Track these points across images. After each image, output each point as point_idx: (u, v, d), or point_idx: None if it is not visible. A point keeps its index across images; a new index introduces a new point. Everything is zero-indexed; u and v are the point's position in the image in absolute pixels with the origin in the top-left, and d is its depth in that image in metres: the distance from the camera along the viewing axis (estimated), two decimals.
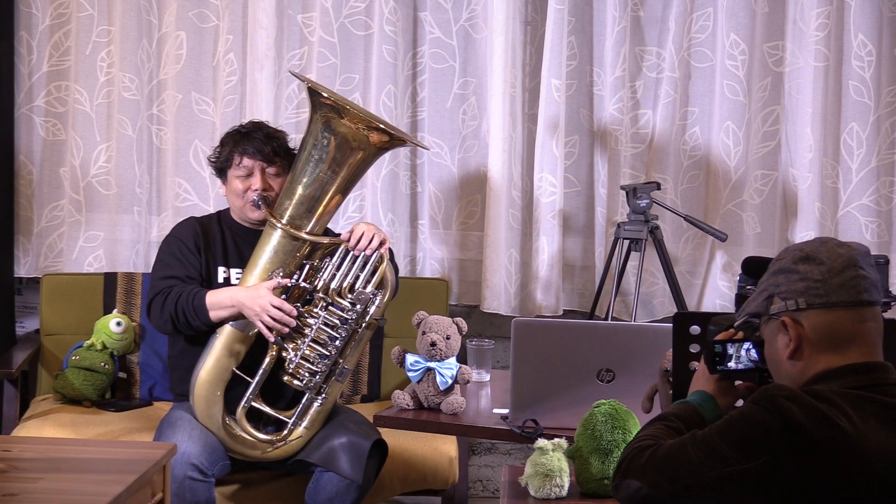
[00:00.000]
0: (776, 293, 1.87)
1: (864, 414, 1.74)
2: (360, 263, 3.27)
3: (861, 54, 4.04)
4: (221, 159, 3.41)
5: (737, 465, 1.75)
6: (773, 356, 1.90)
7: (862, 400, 1.76)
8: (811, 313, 1.82)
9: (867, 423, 1.73)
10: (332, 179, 3.26)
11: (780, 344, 1.87)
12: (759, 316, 1.92)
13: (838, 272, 1.82)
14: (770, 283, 1.89)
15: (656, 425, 2.01)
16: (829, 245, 1.86)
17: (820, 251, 1.85)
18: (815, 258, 1.84)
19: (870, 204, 4.09)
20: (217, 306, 3.22)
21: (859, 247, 1.87)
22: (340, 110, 3.22)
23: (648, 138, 4.19)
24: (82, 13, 4.12)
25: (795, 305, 1.83)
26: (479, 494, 4.39)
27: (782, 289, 1.86)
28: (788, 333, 1.84)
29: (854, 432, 1.71)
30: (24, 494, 2.34)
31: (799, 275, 1.84)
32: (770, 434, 1.73)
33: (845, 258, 1.83)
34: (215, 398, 3.23)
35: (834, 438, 1.70)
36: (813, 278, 1.83)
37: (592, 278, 4.21)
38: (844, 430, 1.71)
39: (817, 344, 1.83)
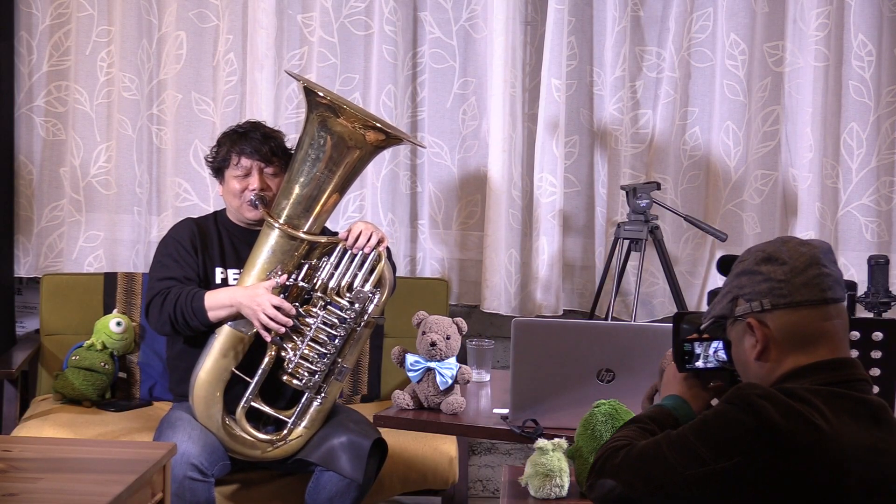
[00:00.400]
0: (740, 295, 1.87)
1: (837, 410, 1.75)
2: (359, 262, 3.27)
3: (861, 54, 4.04)
4: (219, 159, 3.41)
5: (712, 465, 1.75)
6: (740, 357, 1.90)
7: (833, 396, 1.76)
8: (776, 314, 1.82)
9: (840, 419, 1.74)
10: (329, 178, 3.26)
11: (746, 345, 1.87)
12: (724, 318, 1.91)
13: (801, 271, 1.82)
14: (734, 285, 1.89)
15: (630, 427, 2.01)
16: (790, 244, 1.85)
17: (782, 251, 1.84)
18: (777, 258, 1.83)
19: (870, 204, 4.08)
20: (216, 307, 3.22)
21: (821, 244, 1.86)
22: (336, 109, 3.21)
23: (648, 138, 4.19)
24: (82, 13, 4.12)
25: (760, 307, 1.83)
26: (479, 494, 4.39)
27: (746, 290, 1.85)
28: (755, 335, 1.84)
29: (829, 428, 1.72)
30: (24, 494, 2.34)
31: (762, 276, 1.84)
32: (745, 433, 1.73)
33: (807, 256, 1.83)
34: (215, 398, 3.23)
35: (809, 435, 1.71)
36: (776, 279, 1.82)
37: (592, 278, 4.21)
38: (819, 427, 1.71)
39: (784, 344, 1.83)
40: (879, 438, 1.76)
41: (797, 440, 1.71)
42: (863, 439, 1.74)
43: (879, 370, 2.59)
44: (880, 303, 3.54)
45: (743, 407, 1.74)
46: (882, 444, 1.75)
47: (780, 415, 1.72)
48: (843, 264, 4.09)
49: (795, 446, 1.70)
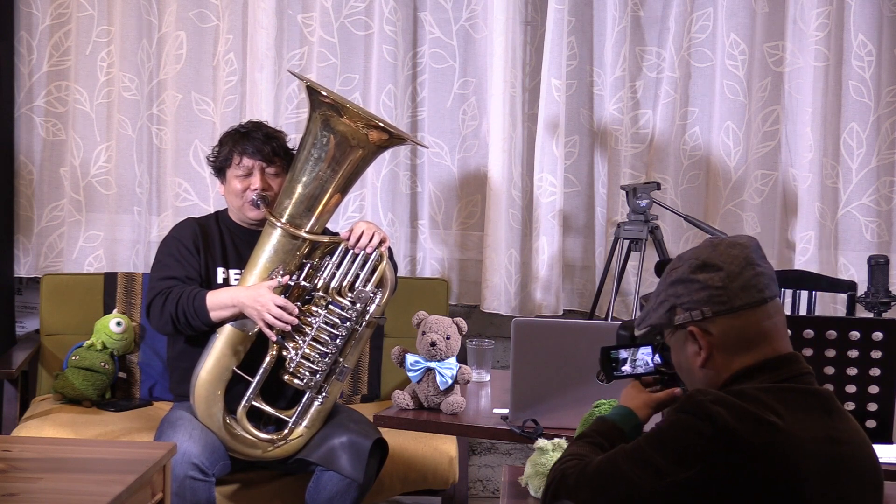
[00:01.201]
0: (678, 304, 1.85)
1: (789, 405, 1.75)
2: (360, 262, 3.27)
3: (861, 54, 4.04)
4: (220, 159, 3.41)
5: (672, 476, 1.73)
6: (683, 364, 1.89)
7: (783, 391, 1.77)
8: (718, 321, 1.81)
9: (794, 414, 1.74)
10: (332, 178, 3.26)
11: (689, 353, 1.85)
12: (661, 327, 1.90)
13: (737, 275, 1.81)
14: (669, 294, 1.87)
15: (578, 444, 1.98)
16: (721, 248, 1.84)
17: (714, 256, 1.83)
18: (712, 264, 1.82)
19: (870, 204, 4.08)
20: (218, 306, 3.22)
21: (749, 241, 1.86)
22: (339, 109, 3.22)
23: (648, 138, 4.19)
24: (82, 13, 4.12)
25: (701, 315, 1.82)
26: (479, 494, 4.39)
27: (684, 299, 1.84)
28: (697, 343, 1.83)
29: (784, 425, 1.72)
30: (24, 494, 2.34)
31: (699, 283, 1.82)
32: (702, 441, 1.72)
33: (741, 259, 1.82)
34: (216, 398, 3.23)
35: (766, 435, 1.71)
36: (714, 286, 1.81)
37: (592, 278, 4.21)
38: (775, 425, 1.71)
39: (728, 348, 1.82)
40: (832, 427, 1.77)
41: (754, 441, 1.70)
42: (817, 431, 1.74)
43: (879, 370, 2.59)
44: (880, 303, 3.54)
45: (697, 414, 1.73)
46: (835, 433, 1.76)
47: (735, 418, 1.71)
48: (842, 264, 4.10)
49: (754, 447, 1.70)
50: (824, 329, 2.58)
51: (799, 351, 2.54)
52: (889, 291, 3.56)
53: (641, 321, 1.95)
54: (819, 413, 1.77)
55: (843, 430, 1.78)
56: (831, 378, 2.58)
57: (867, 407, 2.61)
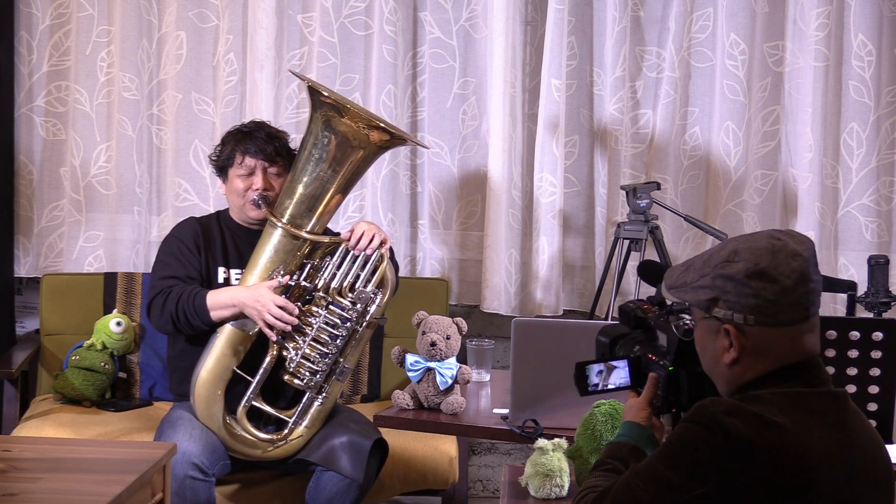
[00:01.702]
0: (723, 298, 1.81)
1: (802, 410, 1.74)
2: (361, 263, 3.27)
3: (861, 54, 4.04)
4: (223, 158, 3.41)
5: (689, 493, 1.71)
6: (708, 351, 1.86)
7: (798, 396, 1.76)
8: (758, 329, 1.79)
9: (807, 419, 1.73)
10: (333, 178, 3.26)
11: (718, 346, 1.83)
12: (695, 307, 1.86)
13: (791, 291, 1.77)
14: (716, 285, 1.82)
15: (594, 474, 1.95)
16: (781, 256, 1.78)
17: (774, 266, 1.77)
18: (769, 275, 1.77)
19: (870, 204, 4.08)
20: (218, 306, 3.22)
21: (809, 251, 1.80)
22: (341, 109, 3.22)
23: (648, 138, 4.19)
24: (82, 13, 4.12)
25: (743, 320, 1.79)
26: (479, 494, 4.39)
27: (731, 298, 1.80)
28: (729, 340, 1.81)
29: (797, 430, 1.71)
30: (24, 494, 2.34)
31: (751, 290, 1.78)
32: (716, 453, 1.70)
33: (798, 273, 1.77)
34: (216, 398, 3.23)
35: (779, 442, 1.69)
36: (765, 297, 1.77)
37: (592, 278, 4.21)
38: (788, 431, 1.70)
39: (758, 354, 1.80)
40: (845, 430, 1.76)
41: (768, 448, 1.69)
42: (830, 434, 1.74)
43: (879, 370, 2.60)
44: (880, 303, 3.54)
45: (709, 425, 1.71)
46: (848, 436, 1.76)
47: (749, 427, 1.69)
48: (843, 264, 4.10)
49: (768, 454, 1.69)
50: (824, 329, 2.58)
51: None
52: (889, 291, 3.56)
53: (678, 289, 1.89)
54: (832, 416, 1.76)
55: (858, 433, 1.77)
56: (831, 378, 2.58)
57: (867, 407, 2.61)
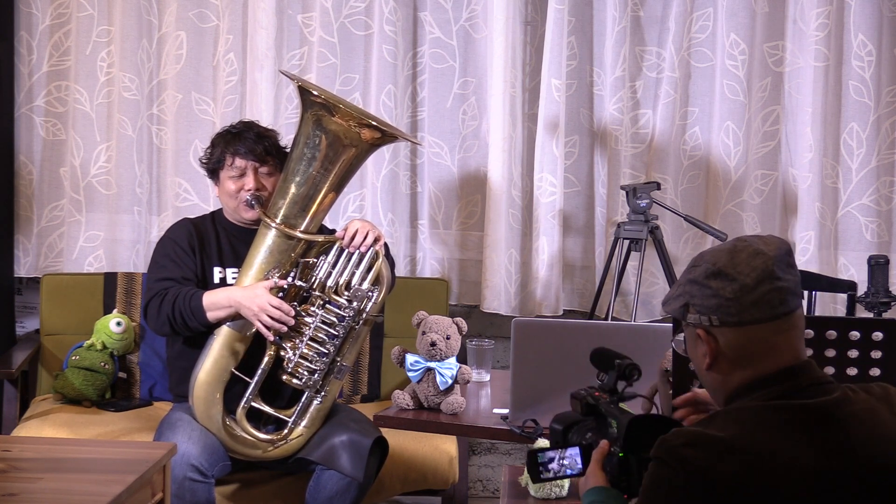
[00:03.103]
0: (691, 303, 1.81)
1: (779, 425, 1.70)
2: (356, 260, 3.27)
3: (861, 54, 4.04)
4: (213, 160, 3.41)
5: None
6: (695, 361, 1.86)
7: (777, 410, 1.71)
8: (724, 330, 1.78)
9: (788, 434, 1.69)
10: (325, 177, 3.26)
11: (698, 352, 1.83)
12: (679, 318, 1.87)
13: (751, 289, 1.75)
14: (685, 291, 1.83)
15: None
16: (742, 256, 1.77)
17: (732, 265, 1.76)
18: (727, 274, 1.76)
19: (870, 204, 4.08)
20: (214, 307, 3.22)
21: (777, 249, 1.78)
22: (331, 108, 3.21)
23: (648, 138, 4.19)
24: (82, 13, 4.12)
25: (708, 321, 1.78)
26: (479, 494, 4.39)
27: (697, 301, 1.80)
28: (705, 345, 1.81)
29: (767, 452, 1.66)
30: (24, 494, 2.34)
31: (711, 290, 1.77)
32: (679, 490, 1.67)
33: (759, 271, 1.75)
34: (214, 399, 3.23)
35: (742, 468, 1.65)
36: (724, 297, 1.76)
37: (592, 278, 4.21)
38: (753, 454, 1.66)
39: (731, 359, 1.78)
40: (828, 440, 1.70)
41: (732, 476, 1.65)
42: (811, 450, 1.68)
43: (879, 370, 2.59)
44: (880, 303, 3.54)
45: (669, 462, 1.69)
46: (832, 446, 1.69)
47: (708, 456, 1.66)
48: (843, 264, 4.10)
49: (732, 482, 1.65)
50: (824, 329, 2.57)
51: None
52: (889, 291, 3.57)
53: (665, 304, 1.91)
54: (818, 428, 1.71)
55: (860, 441, 1.70)
56: (828, 381, 2.58)
57: None
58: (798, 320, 1.80)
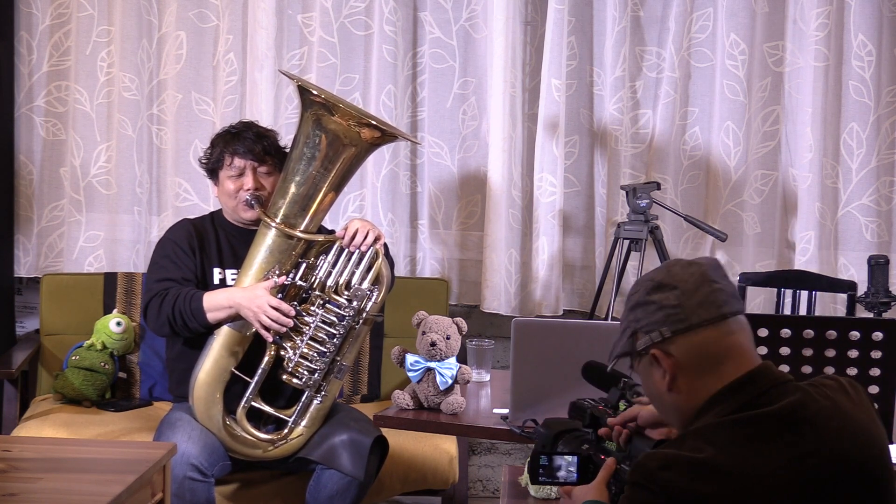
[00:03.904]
0: (638, 329, 1.81)
1: (746, 438, 1.69)
2: (356, 260, 3.27)
3: (861, 54, 4.04)
4: (212, 160, 3.41)
5: None
6: (653, 392, 1.85)
7: (740, 424, 1.70)
8: (678, 341, 1.77)
9: (752, 448, 1.68)
10: (325, 177, 3.26)
11: (656, 378, 1.81)
12: (628, 355, 1.86)
13: (693, 292, 1.77)
14: (630, 320, 1.84)
15: None
16: (676, 268, 1.81)
17: (669, 276, 1.80)
18: (667, 284, 1.79)
19: (870, 204, 4.08)
20: (214, 308, 3.22)
21: (708, 261, 1.82)
22: (331, 107, 3.22)
23: (648, 138, 4.19)
24: (82, 13, 4.12)
25: (660, 336, 1.78)
26: (479, 494, 4.39)
27: (643, 323, 1.80)
28: (661, 366, 1.79)
29: (738, 466, 1.66)
30: (24, 494, 2.34)
31: (655, 304, 1.79)
32: None
33: (696, 276, 1.78)
34: (214, 399, 3.23)
35: (721, 487, 1.65)
36: (670, 305, 1.78)
37: (592, 278, 4.21)
38: (727, 473, 1.65)
39: (692, 370, 1.78)
40: (797, 445, 1.69)
41: (711, 496, 1.65)
42: (778, 458, 1.67)
43: (879, 370, 2.59)
44: (880, 303, 3.54)
45: (648, 486, 1.68)
46: (801, 450, 1.69)
47: (686, 478, 1.66)
48: (843, 264, 4.10)
49: (713, 501, 1.65)
50: (824, 329, 2.58)
51: (799, 351, 2.55)
52: (889, 291, 3.56)
53: (611, 354, 1.90)
54: (781, 435, 1.70)
55: (816, 440, 1.70)
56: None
57: None
58: (745, 324, 1.81)
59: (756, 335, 2.51)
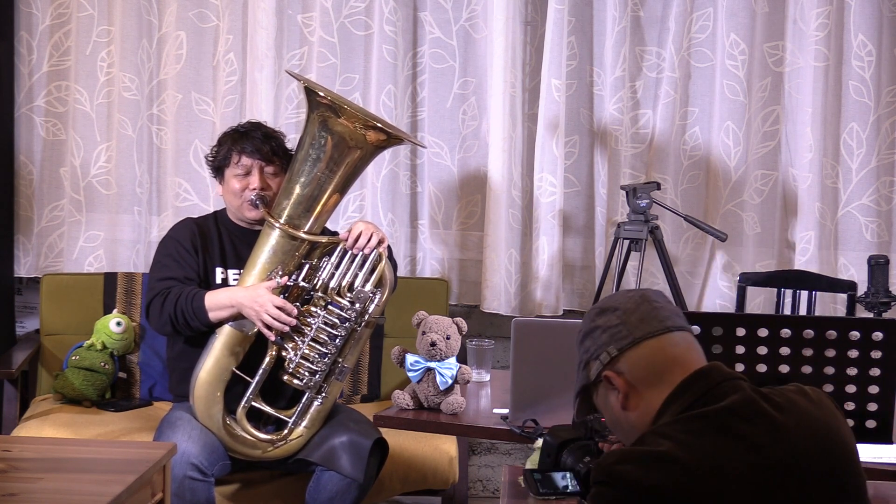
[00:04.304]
0: (589, 358, 1.87)
1: (699, 433, 1.70)
2: (359, 262, 3.27)
3: (861, 54, 4.04)
4: (219, 158, 3.41)
5: None
6: (612, 417, 1.87)
7: (691, 421, 1.72)
8: (625, 357, 1.82)
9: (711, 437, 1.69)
10: (330, 178, 3.26)
11: (612, 402, 1.84)
12: (587, 389, 1.89)
13: (633, 310, 1.83)
14: (581, 353, 1.90)
15: None
16: (617, 294, 1.89)
17: (610, 301, 1.88)
18: (609, 307, 1.86)
19: (870, 204, 4.08)
20: (216, 307, 3.22)
21: (648, 290, 1.90)
22: (337, 109, 3.22)
23: (648, 138, 4.19)
24: (82, 13, 4.13)
25: (608, 357, 1.83)
26: (479, 494, 4.39)
27: (591, 350, 1.86)
28: (615, 387, 1.82)
29: (695, 456, 1.67)
30: (24, 494, 2.34)
31: (600, 329, 1.85)
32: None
33: (636, 297, 1.86)
34: (215, 398, 3.23)
35: (679, 473, 1.66)
36: (613, 325, 1.83)
37: (592, 278, 4.21)
38: (684, 462, 1.66)
39: (642, 384, 1.80)
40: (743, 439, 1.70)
41: (671, 483, 1.66)
42: (744, 448, 1.69)
43: (879, 370, 2.59)
44: (880, 303, 3.54)
45: (609, 482, 1.70)
46: (757, 440, 1.70)
47: (643, 469, 1.67)
48: (843, 264, 4.10)
49: (674, 488, 1.66)
50: (824, 329, 2.58)
51: (799, 351, 2.55)
52: (889, 291, 3.56)
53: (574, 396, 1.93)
54: (737, 427, 1.71)
55: (769, 431, 1.71)
56: (831, 378, 2.58)
57: (867, 407, 2.61)
58: (693, 340, 1.85)
59: (756, 335, 2.52)
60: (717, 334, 2.52)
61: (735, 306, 4.02)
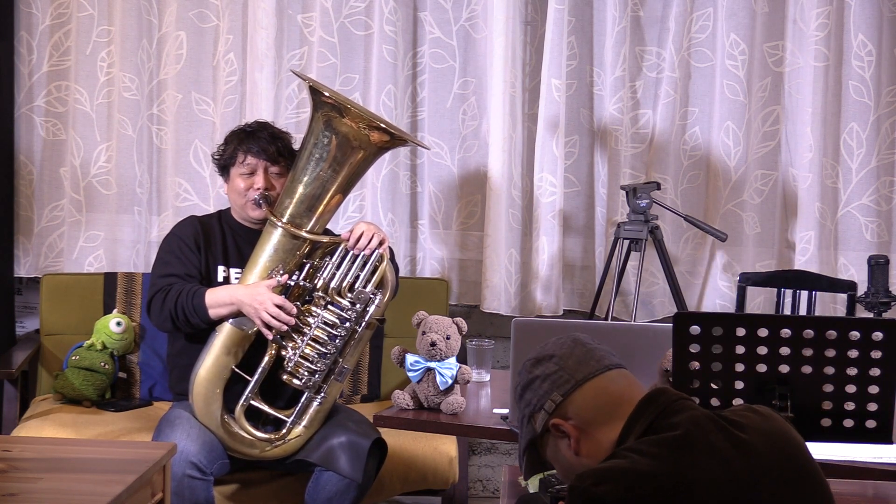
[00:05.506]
0: (532, 411, 1.85)
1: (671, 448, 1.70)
2: (360, 263, 3.27)
3: (861, 54, 4.04)
4: (225, 157, 3.42)
5: None
6: (565, 467, 1.85)
7: (660, 438, 1.72)
8: (569, 401, 1.80)
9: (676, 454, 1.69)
10: (333, 178, 3.27)
11: (563, 449, 1.83)
12: (534, 442, 1.87)
13: (568, 355, 1.83)
14: (522, 407, 1.87)
15: None
16: (548, 343, 1.88)
17: (544, 350, 1.87)
18: (544, 356, 1.85)
19: (870, 204, 4.08)
20: (216, 304, 3.22)
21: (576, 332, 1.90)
22: (342, 109, 3.22)
23: (648, 138, 4.19)
24: (82, 13, 4.13)
25: (553, 404, 1.81)
26: (479, 494, 4.39)
27: (534, 402, 1.84)
28: (565, 433, 1.81)
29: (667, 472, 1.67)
30: (24, 494, 2.34)
31: (538, 379, 1.84)
32: None
33: (568, 342, 1.85)
34: (214, 396, 3.24)
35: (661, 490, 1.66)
36: (551, 372, 1.82)
37: (592, 278, 4.21)
38: (667, 475, 1.67)
39: (591, 425, 1.79)
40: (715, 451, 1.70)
41: (652, 500, 1.65)
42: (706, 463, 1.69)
43: (879, 370, 2.59)
44: (880, 303, 3.54)
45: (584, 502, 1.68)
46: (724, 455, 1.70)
47: (623, 488, 1.66)
48: (842, 264, 4.10)
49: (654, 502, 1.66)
50: (824, 329, 2.57)
51: (799, 351, 2.55)
52: (889, 291, 3.56)
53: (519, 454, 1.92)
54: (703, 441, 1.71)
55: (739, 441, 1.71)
56: (831, 378, 2.58)
57: (867, 407, 2.61)
58: (630, 375, 1.85)
59: (756, 335, 2.52)
60: (717, 334, 2.51)
61: (735, 306, 4.02)
